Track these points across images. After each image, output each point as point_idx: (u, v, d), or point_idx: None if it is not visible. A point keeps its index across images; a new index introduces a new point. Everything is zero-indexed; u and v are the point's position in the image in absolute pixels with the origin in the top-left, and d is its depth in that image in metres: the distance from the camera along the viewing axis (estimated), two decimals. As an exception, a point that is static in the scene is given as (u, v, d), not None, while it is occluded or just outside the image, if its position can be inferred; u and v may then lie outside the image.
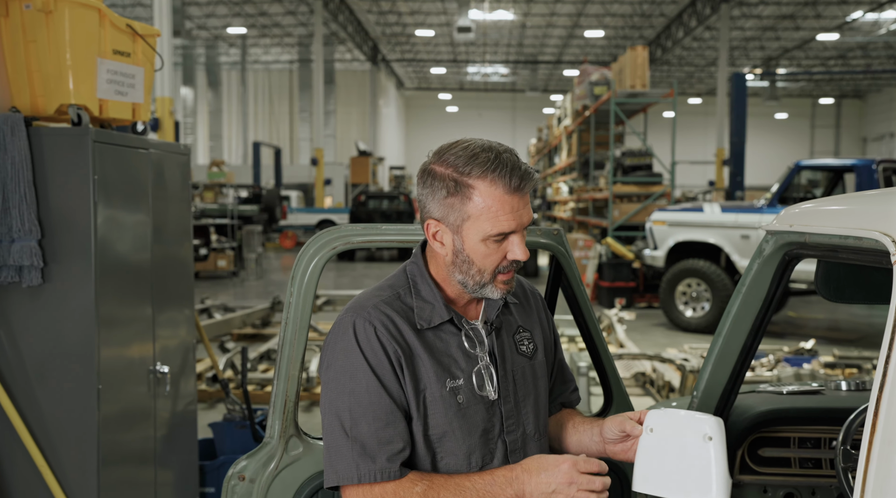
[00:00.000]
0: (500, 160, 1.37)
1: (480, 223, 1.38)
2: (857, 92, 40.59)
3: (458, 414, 1.42)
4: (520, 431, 1.50)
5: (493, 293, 1.45)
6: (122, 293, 2.94)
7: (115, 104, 2.89)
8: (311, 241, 1.82)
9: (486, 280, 1.43)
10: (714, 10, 22.35)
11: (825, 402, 1.94)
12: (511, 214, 1.38)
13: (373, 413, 1.36)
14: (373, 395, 1.37)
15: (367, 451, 1.35)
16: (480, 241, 1.39)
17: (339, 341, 1.42)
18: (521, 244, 1.41)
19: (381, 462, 1.35)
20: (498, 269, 1.42)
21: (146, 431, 3.12)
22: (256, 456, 1.81)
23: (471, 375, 1.44)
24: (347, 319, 1.43)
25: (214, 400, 5.96)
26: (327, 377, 1.42)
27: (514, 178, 1.36)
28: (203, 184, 17.77)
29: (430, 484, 1.35)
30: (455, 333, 1.47)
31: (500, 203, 1.37)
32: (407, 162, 40.17)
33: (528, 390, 1.54)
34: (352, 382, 1.38)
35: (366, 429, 1.36)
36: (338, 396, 1.39)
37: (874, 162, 8.64)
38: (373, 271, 16.11)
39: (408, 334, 1.42)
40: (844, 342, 8.59)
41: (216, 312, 9.18)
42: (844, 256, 1.38)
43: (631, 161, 12.68)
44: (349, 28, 26.65)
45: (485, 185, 1.36)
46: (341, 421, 1.37)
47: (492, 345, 1.50)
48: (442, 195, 1.39)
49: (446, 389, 1.42)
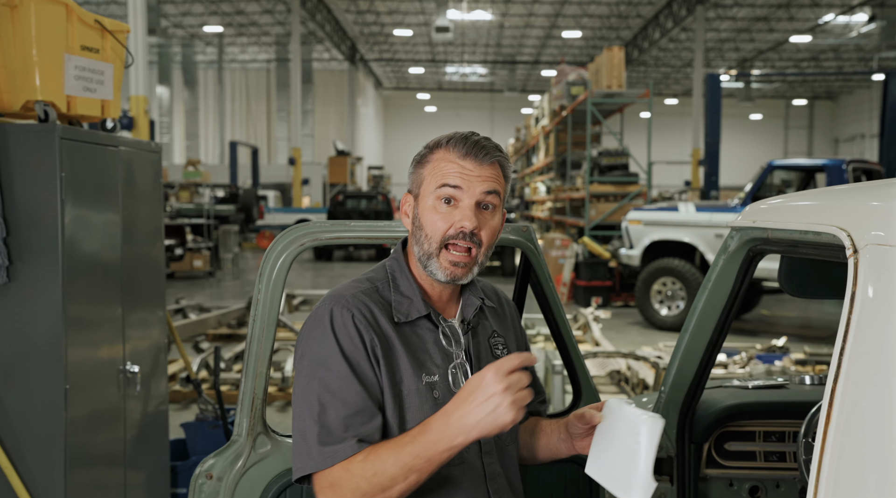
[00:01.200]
0: (460, 133, 1.47)
1: (430, 181, 1.45)
2: (829, 93, 41.17)
3: (435, 409, 1.39)
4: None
5: (438, 271, 1.44)
6: (91, 293, 2.91)
7: (83, 101, 2.85)
8: (278, 238, 1.81)
9: (433, 250, 1.43)
10: (690, 11, 22.57)
11: (789, 396, 1.97)
12: (459, 173, 1.43)
13: (342, 401, 1.34)
14: (343, 381, 1.35)
15: (331, 437, 1.33)
16: (432, 203, 1.44)
17: (315, 330, 1.40)
18: (468, 211, 1.42)
19: (342, 445, 1.32)
20: (445, 238, 1.43)
21: (116, 431, 3.08)
22: (224, 454, 1.79)
23: (446, 372, 1.45)
24: (324, 307, 1.42)
25: (188, 401, 5.92)
26: (300, 366, 1.40)
27: (467, 144, 1.44)
28: (179, 183, 17.62)
29: (370, 449, 1.31)
30: (432, 329, 1.47)
31: (448, 162, 1.44)
32: (385, 162, 40.09)
33: None
34: (323, 369, 1.36)
35: (333, 416, 1.34)
36: (308, 384, 1.37)
37: (844, 162, 8.77)
38: (350, 271, 16.05)
39: (385, 326, 1.42)
40: (816, 340, 8.71)
41: (191, 313, 9.10)
42: (805, 252, 1.40)
43: (607, 161, 12.76)
44: (327, 27, 26.55)
45: (441, 151, 1.47)
46: (310, 408, 1.35)
47: (468, 344, 1.51)
48: (411, 170, 1.50)
49: (422, 383, 1.42)
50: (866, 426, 0.97)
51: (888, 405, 0.95)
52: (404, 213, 1.52)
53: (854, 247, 1.10)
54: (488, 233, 1.45)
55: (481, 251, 1.45)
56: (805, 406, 1.82)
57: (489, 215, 1.45)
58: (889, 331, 0.99)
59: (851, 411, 0.99)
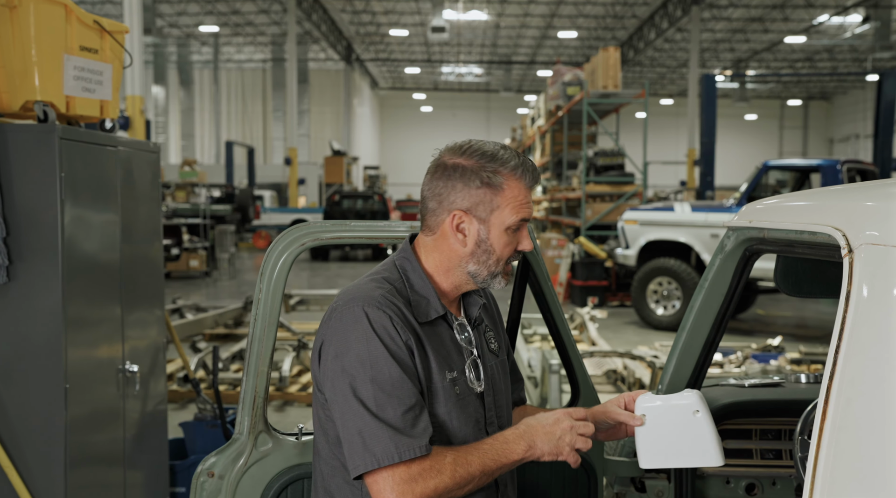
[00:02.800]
0: (523, 159, 1.55)
1: (507, 212, 1.52)
2: (823, 94, 41.29)
3: (457, 404, 1.49)
4: (497, 423, 1.58)
5: (500, 283, 1.56)
6: (91, 293, 2.92)
7: (82, 101, 2.86)
8: (279, 238, 1.83)
9: (499, 270, 1.55)
10: (685, 12, 22.61)
11: (785, 394, 1.99)
12: (528, 205, 1.56)
13: (398, 399, 1.38)
14: (396, 381, 1.39)
15: (399, 430, 1.37)
16: (503, 231, 1.53)
17: (352, 330, 1.42)
18: (528, 236, 1.58)
19: (417, 439, 1.37)
20: (509, 258, 1.56)
21: (115, 431, 3.09)
22: (225, 452, 1.81)
23: (464, 368, 1.52)
24: (355, 308, 1.43)
25: (186, 400, 5.92)
26: (339, 366, 1.41)
27: (534, 175, 1.55)
28: (175, 183, 17.57)
29: (456, 451, 1.41)
30: (447, 328, 1.54)
31: (523, 195, 1.54)
32: (381, 162, 40.08)
33: (500, 386, 1.62)
34: (373, 370, 1.39)
35: (392, 414, 1.37)
36: (360, 385, 1.39)
37: (839, 162, 8.81)
38: (347, 271, 16.07)
39: (415, 325, 1.48)
40: (811, 339, 8.75)
41: (188, 312, 9.10)
42: (801, 251, 1.41)
43: (603, 161, 12.78)
44: (323, 27, 26.53)
45: (514, 179, 1.52)
46: (368, 408, 1.38)
47: (476, 340, 1.59)
48: (475, 185, 1.51)
49: (446, 380, 1.48)
50: (861, 423, 0.99)
51: (883, 402, 0.97)
52: (461, 232, 1.53)
53: (849, 246, 1.12)
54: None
55: None
56: (801, 404, 1.83)
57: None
58: (883, 329, 1.00)
59: (847, 408, 1.01)
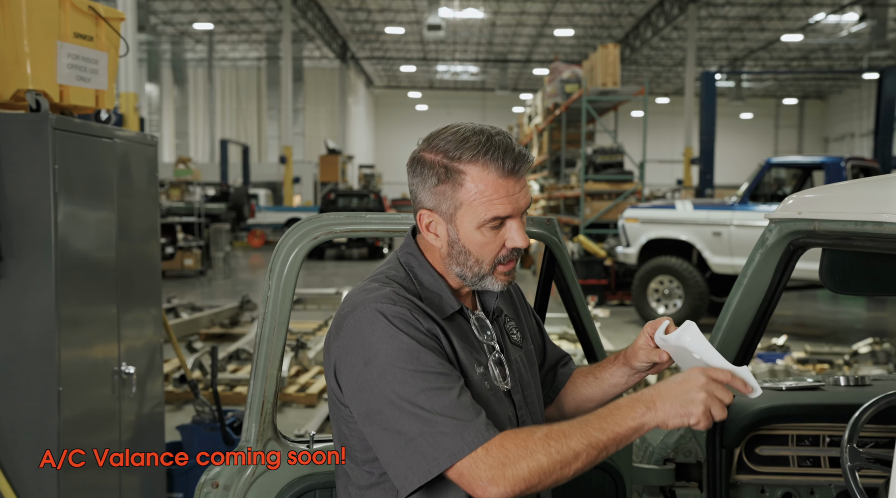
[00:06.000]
0: (492, 142, 1.30)
1: (474, 209, 1.31)
2: (819, 93, 41.32)
3: (490, 400, 1.34)
4: (529, 421, 1.44)
5: (494, 285, 1.38)
6: (85, 291, 2.79)
7: (76, 90, 2.73)
8: (290, 231, 1.70)
9: (486, 271, 1.36)
10: (682, 10, 22.55)
11: (826, 398, 1.88)
12: (506, 199, 1.31)
13: (446, 383, 1.24)
14: (438, 367, 1.25)
15: (461, 418, 1.21)
16: (476, 229, 1.33)
17: (372, 333, 1.27)
18: (520, 230, 1.34)
19: (481, 422, 1.21)
20: (497, 258, 1.36)
21: (110, 434, 2.97)
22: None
23: (487, 365, 1.38)
24: (368, 311, 1.29)
25: (182, 401, 5.79)
26: (372, 373, 1.25)
27: (507, 160, 1.30)
28: (169, 181, 17.43)
29: (549, 427, 1.23)
30: (464, 322, 1.40)
31: (493, 187, 1.30)
32: (376, 161, 39.92)
33: (528, 380, 1.48)
34: (411, 363, 1.24)
35: (447, 401, 1.22)
36: (401, 385, 1.23)
37: (843, 159, 8.73)
38: (343, 270, 15.93)
39: (435, 317, 1.34)
40: (812, 338, 8.67)
41: (183, 312, 8.97)
42: (859, 244, 1.31)
43: (602, 159, 12.69)
44: (318, 25, 26.37)
45: (476, 170, 1.30)
46: (419, 405, 1.22)
47: (496, 334, 1.44)
48: (432, 183, 1.33)
49: (476, 373, 1.35)
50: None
51: None
52: (432, 233, 1.37)
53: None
54: (527, 240, 1.38)
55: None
56: (843, 409, 1.73)
57: (525, 220, 1.39)
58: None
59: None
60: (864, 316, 10.94)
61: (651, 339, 1.42)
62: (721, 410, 1.22)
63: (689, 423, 1.21)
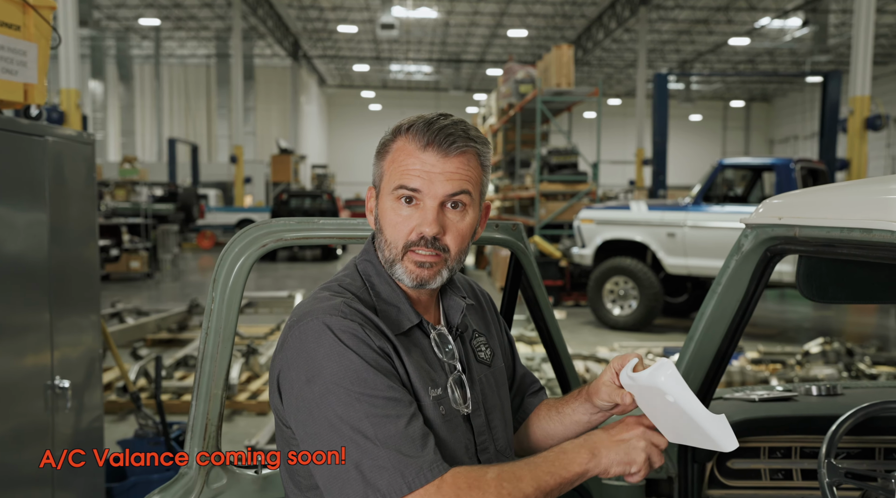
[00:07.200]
0: (424, 118, 1.26)
1: (389, 176, 1.26)
2: (764, 96, 42.32)
3: (444, 425, 1.22)
4: (492, 449, 1.32)
5: (404, 276, 1.26)
6: (12, 298, 2.60)
7: (2, 84, 2.54)
8: (236, 238, 1.55)
9: (396, 256, 1.25)
10: (633, 12, 22.81)
11: (800, 409, 1.82)
12: (420, 171, 1.22)
13: (394, 410, 1.13)
14: (386, 391, 1.14)
15: (406, 452, 1.11)
16: (391, 203, 1.25)
17: (317, 348, 1.16)
18: (431, 214, 1.22)
19: (427, 457, 1.12)
20: (407, 244, 1.24)
21: (43, 450, 2.77)
22: (171, 489, 1.54)
23: (447, 386, 1.26)
24: (313, 323, 1.18)
25: (125, 411, 5.55)
26: (313, 392, 1.15)
27: (429, 132, 1.23)
28: (115, 181, 16.92)
29: (500, 467, 1.16)
30: (423, 337, 1.28)
31: (407, 155, 1.24)
32: (329, 160, 39.52)
33: (494, 402, 1.36)
34: (357, 385, 1.13)
35: (393, 431, 1.12)
36: (345, 408, 1.13)
37: (792, 161, 8.86)
38: (296, 272, 15.66)
39: (388, 334, 1.22)
40: (763, 338, 8.79)
41: (128, 317, 8.66)
42: (844, 252, 1.23)
43: (557, 159, 12.71)
44: (269, 22, 25.95)
45: (401, 140, 1.26)
46: (362, 433, 1.12)
47: (459, 352, 1.32)
48: (374, 161, 1.32)
49: (430, 398, 1.22)
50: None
51: None
52: (368, 210, 1.33)
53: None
54: (455, 237, 1.24)
55: (451, 257, 1.25)
56: (819, 421, 1.67)
57: (457, 216, 1.24)
58: None
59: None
60: (812, 315, 11.16)
61: (617, 376, 1.28)
62: (659, 456, 1.23)
63: (630, 471, 1.21)
